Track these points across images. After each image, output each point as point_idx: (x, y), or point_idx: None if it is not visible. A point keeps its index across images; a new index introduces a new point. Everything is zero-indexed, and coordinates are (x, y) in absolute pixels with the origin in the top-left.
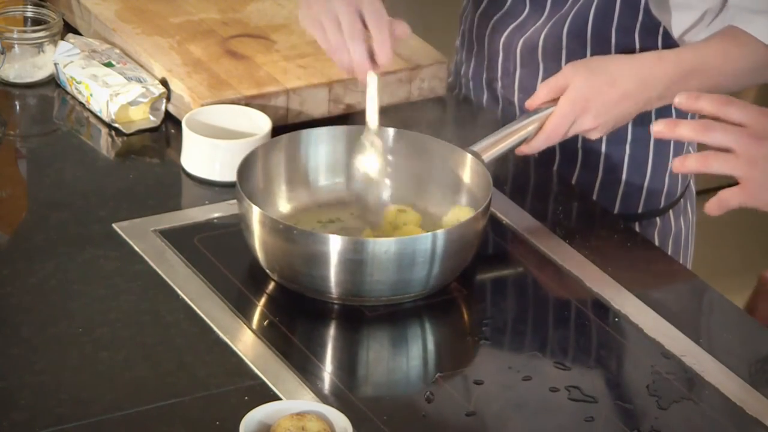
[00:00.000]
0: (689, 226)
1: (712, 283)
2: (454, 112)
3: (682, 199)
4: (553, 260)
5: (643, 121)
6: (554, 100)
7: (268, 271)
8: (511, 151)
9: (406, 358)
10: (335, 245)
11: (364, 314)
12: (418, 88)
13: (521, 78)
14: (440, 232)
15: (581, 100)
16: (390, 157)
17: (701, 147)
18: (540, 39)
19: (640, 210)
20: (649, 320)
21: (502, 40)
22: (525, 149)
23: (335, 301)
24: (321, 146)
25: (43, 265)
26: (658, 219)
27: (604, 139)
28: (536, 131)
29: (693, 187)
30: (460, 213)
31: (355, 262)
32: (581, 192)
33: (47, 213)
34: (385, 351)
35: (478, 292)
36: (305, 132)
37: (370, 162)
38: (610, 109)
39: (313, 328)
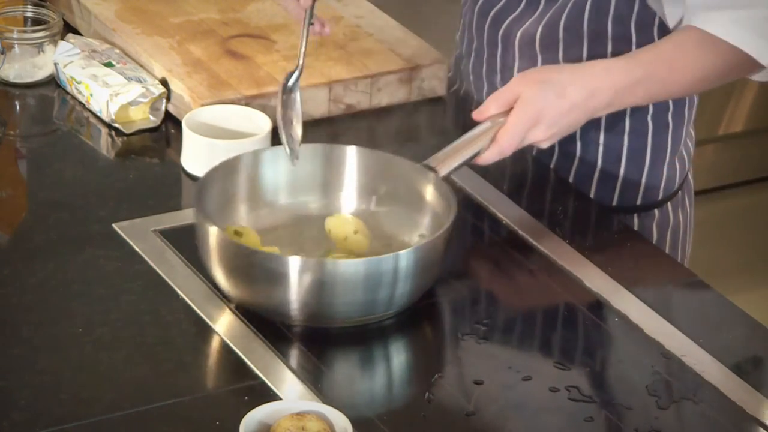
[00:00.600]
0: (687, 219)
1: (711, 283)
2: (453, 112)
3: (680, 192)
4: (553, 260)
5: (640, 112)
6: (505, 113)
7: (226, 299)
8: (467, 163)
9: (406, 359)
10: (295, 267)
11: None
12: (418, 88)
13: (520, 71)
14: (403, 253)
15: (533, 113)
16: (352, 174)
17: (698, 140)
18: (537, 31)
19: (638, 202)
20: (649, 320)
21: (501, 32)
22: (479, 161)
23: (296, 325)
24: (280, 165)
25: (43, 265)
26: (656, 211)
27: (602, 131)
28: (489, 142)
29: (691, 180)
30: (337, 221)
31: (317, 284)
32: (580, 191)
33: (47, 213)
34: (386, 351)
35: (478, 292)
36: (263, 151)
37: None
38: (559, 119)
39: (313, 328)
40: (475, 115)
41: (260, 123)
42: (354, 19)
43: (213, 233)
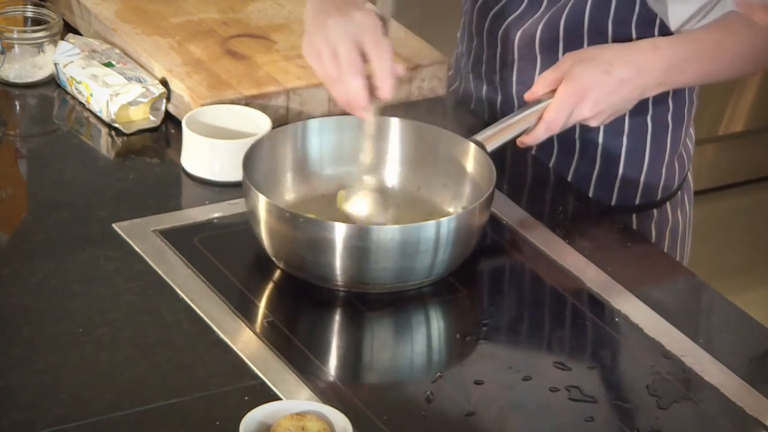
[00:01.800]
0: (687, 219)
1: (711, 283)
2: (453, 112)
3: (679, 192)
4: (553, 260)
5: (639, 112)
6: (552, 92)
7: (274, 259)
8: (513, 141)
9: (406, 358)
10: (340, 233)
11: (364, 313)
12: (418, 88)
13: (519, 70)
14: (444, 220)
15: (579, 90)
16: (395, 146)
17: (698, 140)
18: (537, 31)
19: (637, 202)
20: (649, 320)
21: (500, 32)
22: (526, 139)
23: (340, 289)
24: (326, 136)
25: (43, 265)
26: (655, 211)
27: (602, 131)
28: (536, 122)
29: (691, 181)
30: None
31: (360, 250)
32: (580, 191)
33: (47, 213)
34: (385, 351)
35: (479, 292)
36: (311, 122)
37: (362, 204)
38: (607, 96)
39: (313, 328)
40: (526, 96)
41: (260, 123)
42: None
43: (261, 201)
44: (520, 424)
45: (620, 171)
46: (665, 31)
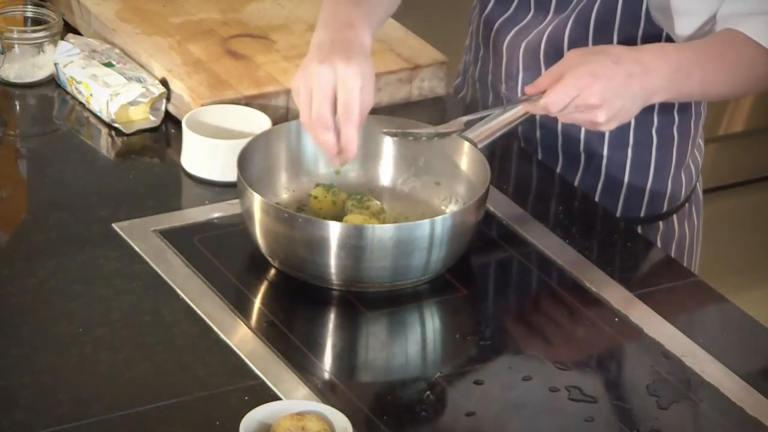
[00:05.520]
0: (695, 232)
1: (712, 283)
2: (453, 112)
3: (687, 204)
4: (554, 260)
5: (644, 123)
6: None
7: (269, 258)
8: (503, 137)
9: (406, 359)
10: (335, 232)
11: (364, 314)
12: (418, 88)
13: (524, 81)
14: (439, 219)
15: (586, 75)
16: (388, 144)
17: (707, 150)
18: (542, 42)
19: (642, 214)
20: (649, 320)
21: (506, 42)
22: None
23: (336, 288)
24: None
25: (43, 265)
26: (660, 223)
27: (606, 142)
28: (524, 114)
29: (700, 193)
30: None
31: (355, 248)
32: (582, 193)
33: (47, 213)
34: (385, 351)
35: (478, 292)
36: None
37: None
38: (615, 86)
39: (313, 328)
40: (528, 89)
41: (260, 123)
42: None
43: (257, 201)
44: (520, 424)
45: (625, 182)
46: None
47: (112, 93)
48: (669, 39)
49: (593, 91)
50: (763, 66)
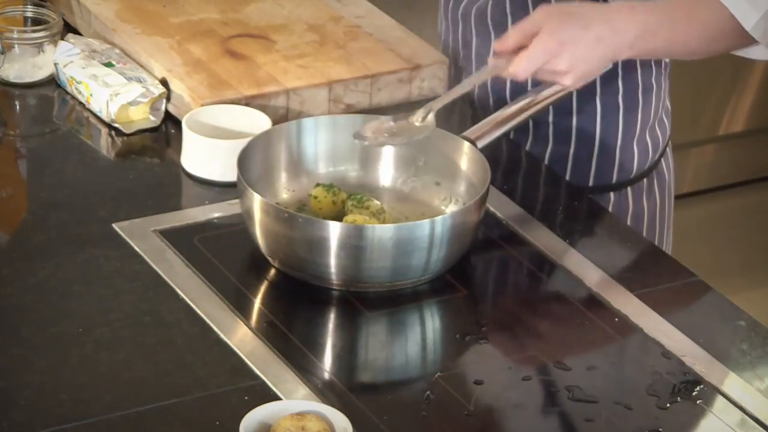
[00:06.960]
0: (658, 210)
1: (711, 283)
2: (453, 112)
3: (646, 179)
4: (553, 260)
5: (611, 90)
6: (547, 84)
7: (269, 258)
8: (504, 137)
9: (406, 358)
10: (335, 232)
11: (364, 314)
12: (418, 88)
13: (477, 47)
14: (439, 219)
15: (556, 43)
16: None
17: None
18: (488, 7)
19: (613, 180)
20: (649, 320)
21: (460, 10)
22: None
23: (336, 288)
24: (320, 134)
25: (43, 265)
26: (612, 194)
27: (575, 114)
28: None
29: (666, 170)
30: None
31: (355, 248)
32: (577, 189)
33: (47, 213)
34: (386, 351)
35: (478, 292)
36: (306, 121)
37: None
38: (582, 53)
39: (313, 328)
40: (497, 45)
41: (260, 123)
42: (354, 19)
43: (257, 201)
44: (520, 424)
45: (595, 151)
46: None
47: (112, 93)
48: None
49: (561, 60)
50: (727, 21)
